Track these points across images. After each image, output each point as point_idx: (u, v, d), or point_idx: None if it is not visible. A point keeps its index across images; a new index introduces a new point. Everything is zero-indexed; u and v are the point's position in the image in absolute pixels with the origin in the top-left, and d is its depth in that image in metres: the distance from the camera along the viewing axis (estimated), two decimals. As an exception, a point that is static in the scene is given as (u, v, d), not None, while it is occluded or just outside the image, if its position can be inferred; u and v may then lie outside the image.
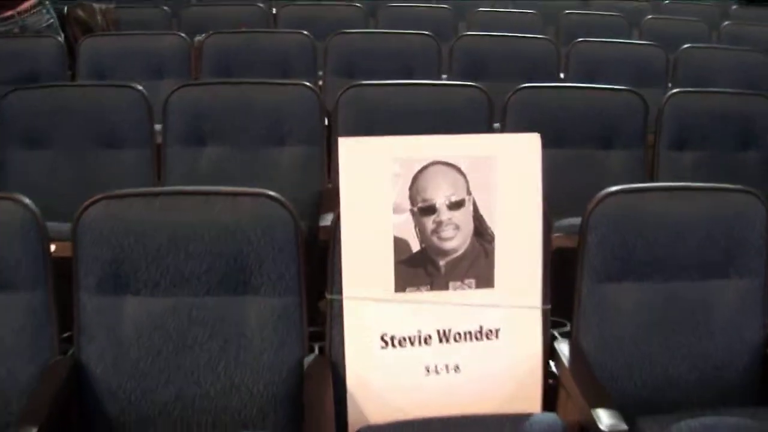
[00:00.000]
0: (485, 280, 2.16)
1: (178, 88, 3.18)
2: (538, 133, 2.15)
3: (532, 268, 2.17)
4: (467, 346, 2.18)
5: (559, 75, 4.24)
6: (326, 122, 3.20)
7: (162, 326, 2.13)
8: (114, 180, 3.04)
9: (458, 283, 2.15)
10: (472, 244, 2.14)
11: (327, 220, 2.45)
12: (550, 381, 2.22)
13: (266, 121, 3.18)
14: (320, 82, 4.11)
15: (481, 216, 2.12)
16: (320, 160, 3.16)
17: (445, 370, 2.18)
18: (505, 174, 2.13)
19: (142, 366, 2.11)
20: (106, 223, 2.10)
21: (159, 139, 3.18)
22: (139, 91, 3.23)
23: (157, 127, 3.20)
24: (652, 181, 3.30)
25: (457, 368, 2.18)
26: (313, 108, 3.16)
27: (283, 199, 2.12)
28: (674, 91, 3.42)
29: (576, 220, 2.57)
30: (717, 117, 3.42)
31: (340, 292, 2.13)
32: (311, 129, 3.16)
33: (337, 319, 2.15)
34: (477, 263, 2.15)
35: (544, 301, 2.20)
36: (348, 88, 3.20)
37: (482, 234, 2.13)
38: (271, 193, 2.12)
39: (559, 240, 2.47)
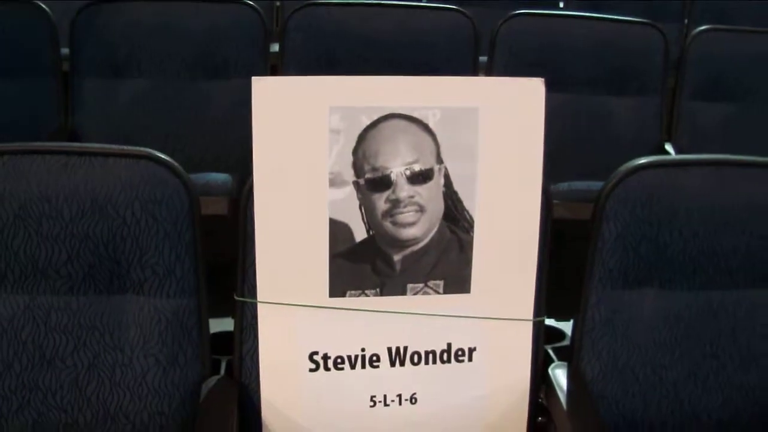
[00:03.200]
0: (458, 282, 1.56)
1: (87, 5, 2.61)
2: (536, 73, 1.57)
3: (525, 266, 1.56)
4: (428, 371, 1.61)
5: (558, 3, 3.62)
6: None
7: (12, 333, 1.56)
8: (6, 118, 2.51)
9: (419, 286, 1.56)
10: (440, 232, 1.54)
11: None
12: (539, 419, 1.61)
13: (197, 48, 2.63)
14: (277, 2, 3.46)
15: (456, 193, 1.50)
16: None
17: (397, 401, 1.62)
18: (491, 133, 1.50)
19: (-12, 384, 1.54)
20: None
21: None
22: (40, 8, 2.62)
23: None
24: (670, 137, 2.71)
25: (413, 399, 1.62)
26: (256, 32, 2.52)
27: (173, 162, 1.51)
28: (703, 27, 2.85)
29: (578, 185, 2.11)
30: (753, 61, 2.85)
31: (255, 294, 1.49)
32: (252, 59, 2.53)
33: (251, 330, 1.54)
34: (447, 259, 1.55)
35: (538, 311, 1.57)
36: (301, 8, 2.61)
37: (456, 219, 1.52)
38: (157, 153, 1.51)
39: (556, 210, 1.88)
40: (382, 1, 2.65)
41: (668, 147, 2.73)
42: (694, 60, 2.79)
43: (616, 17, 2.77)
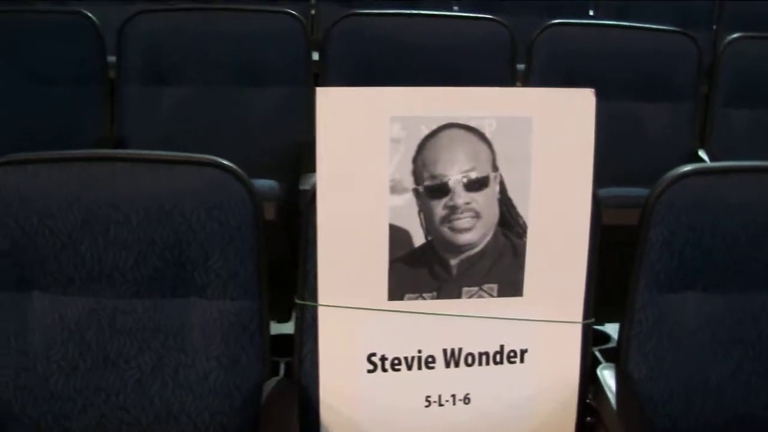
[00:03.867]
0: (511, 286, 1.61)
1: (135, 14, 2.67)
2: (570, 80, 1.65)
3: (575, 270, 1.60)
4: (482, 372, 1.65)
5: (587, 11, 3.62)
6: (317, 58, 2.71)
7: (78, 334, 1.60)
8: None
9: (475, 290, 1.61)
10: (495, 237, 1.58)
11: (310, 182, 1.89)
12: (588, 418, 1.66)
13: (240, 57, 2.69)
14: (312, 11, 3.50)
15: (510, 200, 1.55)
16: (305, 104, 2.56)
17: (451, 401, 1.66)
18: (544, 142, 1.56)
19: (54, 385, 1.60)
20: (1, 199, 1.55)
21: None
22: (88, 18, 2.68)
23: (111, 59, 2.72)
24: (704, 143, 2.72)
25: (467, 399, 1.66)
26: (298, 41, 2.56)
27: (237, 169, 1.55)
28: (735, 35, 2.85)
29: (617, 191, 2.12)
30: None
31: (315, 297, 1.55)
32: (294, 67, 2.57)
33: (311, 333, 1.59)
34: (501, 264, 1.60)
35: (587, 313, 1.62)
36: (343, 18, 2.63)
37: (510, 224, 1.57)
38: (221, 160, 1.56)
39: (612, 216, 1.93)
40: (423, 11, 2.69)
41: (701, 153, 2.75)
42: (726, 67, 2.81)
43: (648, 26, 2.79)
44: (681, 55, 2.76)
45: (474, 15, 2.75)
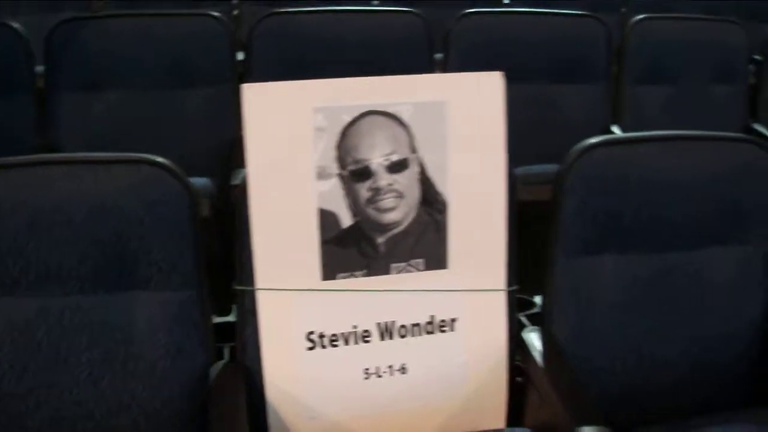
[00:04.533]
0: (437, 259, 1.71)
1: (62, 22, 2.72)
2: (488, 66, 1.72)
3: (495, 241, 1.72)
4: (416, 342, 1.75)
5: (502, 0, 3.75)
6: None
7: (27, 335, 1.65)
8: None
9: (402, 265, 1.70)
10: (418, 215, 1.68)
11: (240, 177, 1.97)
12: (518, 378, 1.77)
13: (168, 60, 2.76)
14: (235, 12, 3.57)
15: (430, 179, 1.66)
16: (232, 102, 2.63)
17: (388, 372, 1.75)
18: (458, 123, 1.67)
19: (6, 385, 1.65)
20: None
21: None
22: (13, 28, 2.72)
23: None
24: (617, 120, 2.86)
25: (403, 369, 1.75)
26: (222, 42, 2.65)
27: (172, 165, 1.64)
28: (640, 17, 3.01)
29: (535, 168, 2.24)
30: (688, 47, 3.06)
31: (253, 282, 1.64)
32: (220, 67, 2.67)
33: (251, 316, 1.68)
34: (425, 239, 1.70)
35: (510, 280, 1.73)
36: (265, 17, 2.72)
37: (431, 202, 1.67)
38: (156, 158, 1.64)
39: (526, 192, 2.03)
40: (343, 7, 2.77)
41: (615, 129, 2.88)
42: (633, 47, 2.95)
43: (560, 11, 2.91)
44: (592, 38, 2.89)
45: (392, 8, 2.84)
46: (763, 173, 1.87)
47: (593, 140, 1.76)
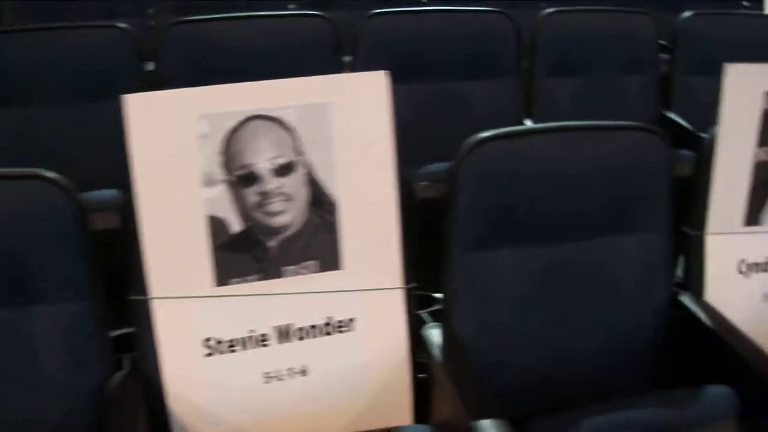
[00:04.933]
0: (330, 260, 1.72)
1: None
2: (397, 66, 1.79)
3: (388, 240, 1.73)
4: (315, 344, 1.76)
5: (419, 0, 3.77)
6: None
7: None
8: None
9: (296, 268, 1.71)
10: (309, 217, 1.69)
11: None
12: (421, 375, 1.79)
13: (78, 74, 2.72)
14: (153, 22, 3.55)
15: (318, 181, 1.67)
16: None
17: (289, 374, 1.76)
18: (344, 124, 1.68)
19: None
20: None
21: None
22: None
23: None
24: (530, 113, 2.89)
25: (304, 371, 1.76)
26: (128, 53, 2.64)
27: (59, 179, 1.63)
28: (549, 10, 3.01)
29: (440, 166, 2.23)
30: (598, 38, 3.09)
31: (147, 291, 1.64)
32: (129, 79, 2.66)
33: (147, 325, 1.68)
34: (317, 241, 1.71)
35: (407, 278, 1.75)
36: (171, 25, 2.71)
37: (321, 203, 1.68)
38: (45, 173, 1.63)
39: (424, 190, 2.03)
40: (250, 13, 2.77)
41: (528, 123, 2.91)
42: (544, 41, 2.97)
43: (468, 8, 2.92)
44: (501, 33, 2.90)
45: (299, 12, 2.84)
46: (657, 160, 1.90)
47: (483, 135, 1.77)
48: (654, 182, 1.90)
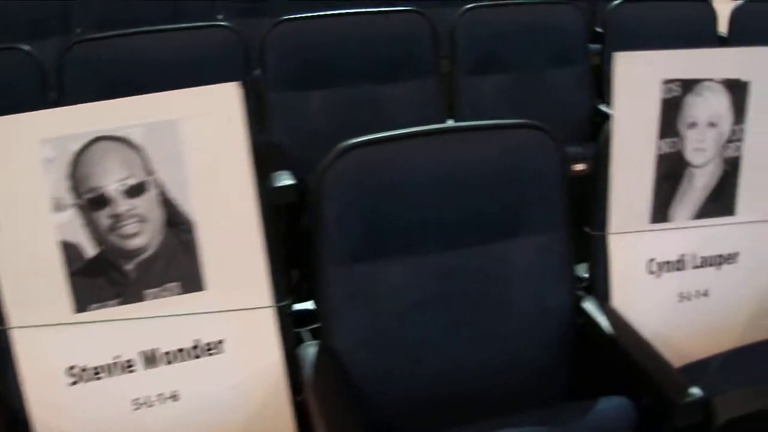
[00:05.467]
0: (192, 281, 1.68)
1: None
2: (309, 73, 1.97)
3: (252, 257, 1.68)
4: (184, 367, 1.71)
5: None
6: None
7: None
8: None
9: (156, 290, 1.66)
10: (166, 238, 1.64)
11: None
12: (299, 397, 1.74)
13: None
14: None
15: (173, 200, 1.62)
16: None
17: (159, 400, 1.71)
18: (196, 140, 1.63)
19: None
20: None
21: None
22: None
23: None
24: (453, 113, 2.82)
25: (175, 396, 1.71)
26: (33, 74, 2.59)
27: None
28: (469, 6, 2.92)
29: None
30: (522, 33, 3.02)
31: (5, 321, 1.59)
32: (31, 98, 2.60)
33: (9, 356, 1.62)
34: (177, 262, 1.66)
35: (279, 295, 1.70)
36: (74, 44, 2.65)
37: (177, 223, 1.63)
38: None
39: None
40: (156, 27, 2.70)
41: (450, 123, 2.83)
42: (464, 38, 2.90)
43: (381, 9, 2.85)
44: (417, 32, 2.81)
45: (205, 24, 2.76)
46: (547, 159, 1.84)
47: (349, 142, 1.71)
48: (546, 182, 1.84)
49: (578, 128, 3.02)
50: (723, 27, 3.40)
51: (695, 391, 1.60)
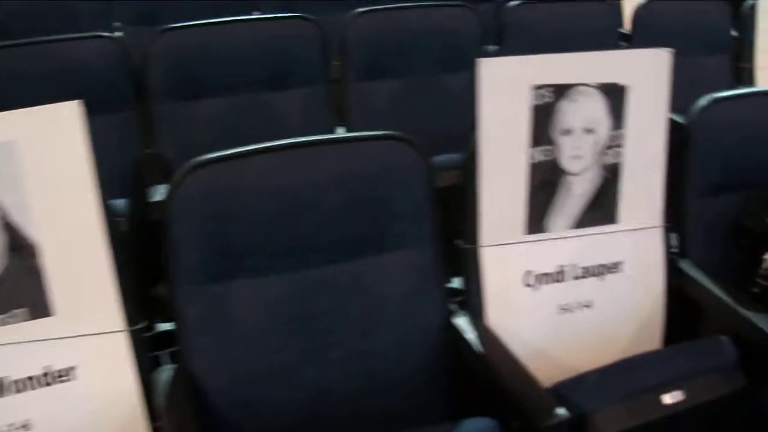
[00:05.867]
0: (40, 307, 1.61)
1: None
2: (194, 84, 2.01)
3: (101, 279, 1.62)
4: (35, 396, 1.65)
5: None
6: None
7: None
8: None
9: (2, 317, 1.60)
10: (9, 263, 1.57)
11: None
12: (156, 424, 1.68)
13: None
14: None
15: (14, 224, 1.55)
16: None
17: (9, 430, 1.64)
18: (37, 161, 1.56)
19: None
20: None
21: None
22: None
23: None
24: (344, 121, 2.78)
25: (26, 426, 1.66)
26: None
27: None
28: (359, 10, 2.88)
29: None
30: (416, 36, 2.95)
31: None
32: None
33: None
34: (23, 287, 1.59)
35: (133, 318, 1.64)
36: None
37: (20, 248, 1.56)
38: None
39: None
40: (36, 39, 2.60)
41: (340, 131, 2.78)
42: (354, 43, 2.83)
43: (267, 16, 2.80)
44: (306, 39, 2.77)
45: (86, 35, 2.66)
46: (411, 170, 1.81)
47: (201, 158, 1.65)
48: (411, 195, 1.81)
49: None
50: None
51: (561, 411, 1.58)
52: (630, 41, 3.31)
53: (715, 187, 2.09)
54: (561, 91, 1.88)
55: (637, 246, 2.02)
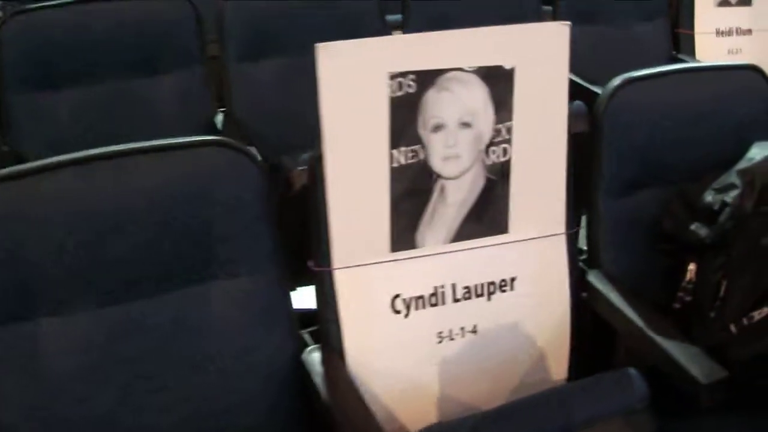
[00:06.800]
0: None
1: None
2: (55, 73, 1.83)
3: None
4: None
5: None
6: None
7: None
8: None
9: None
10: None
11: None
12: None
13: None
14: None
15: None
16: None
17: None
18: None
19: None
20: None
21: None
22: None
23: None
24: (224, 103, 2.61)
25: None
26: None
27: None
28: None
29: None
30: (289, 13, 2.69)
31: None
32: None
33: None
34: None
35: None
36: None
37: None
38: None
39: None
40: None
41: (219, 117, 2.58)
42: (232, 23, 2.58)
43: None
44: (177, 20, 2.52)
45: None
46: (245, 184, 1.54)
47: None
48: (244, 212, 1.53)
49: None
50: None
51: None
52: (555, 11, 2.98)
53: (629, 184, 1.81)
54: (427, 78, 1.55)
55: (534, 258, 1.72)
